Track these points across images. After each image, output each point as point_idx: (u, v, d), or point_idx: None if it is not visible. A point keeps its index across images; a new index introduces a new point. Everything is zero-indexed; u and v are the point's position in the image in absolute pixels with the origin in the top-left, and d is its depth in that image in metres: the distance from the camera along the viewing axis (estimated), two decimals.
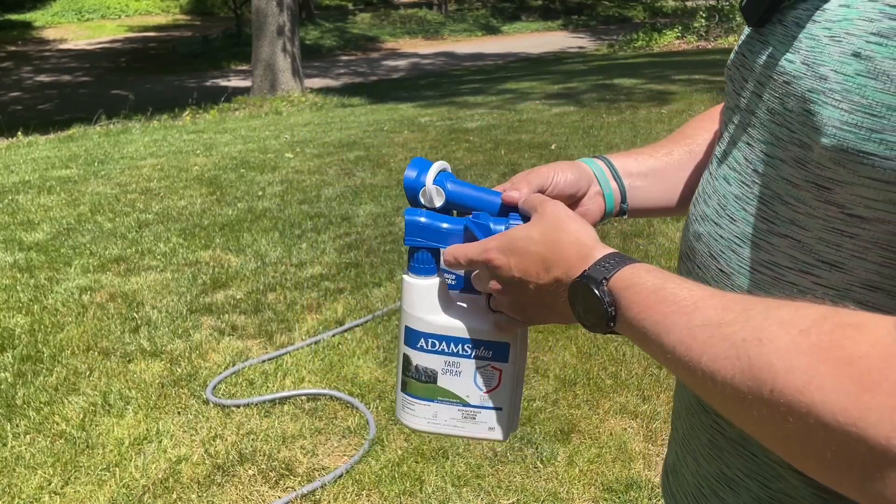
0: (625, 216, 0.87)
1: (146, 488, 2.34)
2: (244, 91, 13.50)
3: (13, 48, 23.62)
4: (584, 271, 0.62)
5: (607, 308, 0.59)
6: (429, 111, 9.17)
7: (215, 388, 2.89)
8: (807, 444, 0.45)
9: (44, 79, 18.89)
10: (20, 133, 9.40)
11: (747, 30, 0.66)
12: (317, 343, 3.22)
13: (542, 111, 8.33)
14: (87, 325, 3.44)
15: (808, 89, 0.54)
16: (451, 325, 0.76)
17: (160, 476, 2.40)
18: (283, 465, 2.43)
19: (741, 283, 0.62)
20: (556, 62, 16.93)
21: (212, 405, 2.78)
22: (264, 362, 3.08)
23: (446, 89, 12.44)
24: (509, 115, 8.15)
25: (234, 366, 3.05)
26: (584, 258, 0.64)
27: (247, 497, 2.31)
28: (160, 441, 2.58)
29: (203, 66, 19.75)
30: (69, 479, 2.40)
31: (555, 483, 2.32)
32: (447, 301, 0.78)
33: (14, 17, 27.46)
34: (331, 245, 4.34)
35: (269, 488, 2.34)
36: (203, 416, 2.71)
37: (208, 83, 17.00)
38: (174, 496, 2.31)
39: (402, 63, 19.47)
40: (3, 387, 2.94)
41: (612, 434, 2.54)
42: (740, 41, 0.68)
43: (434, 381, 0.78)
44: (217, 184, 5.77)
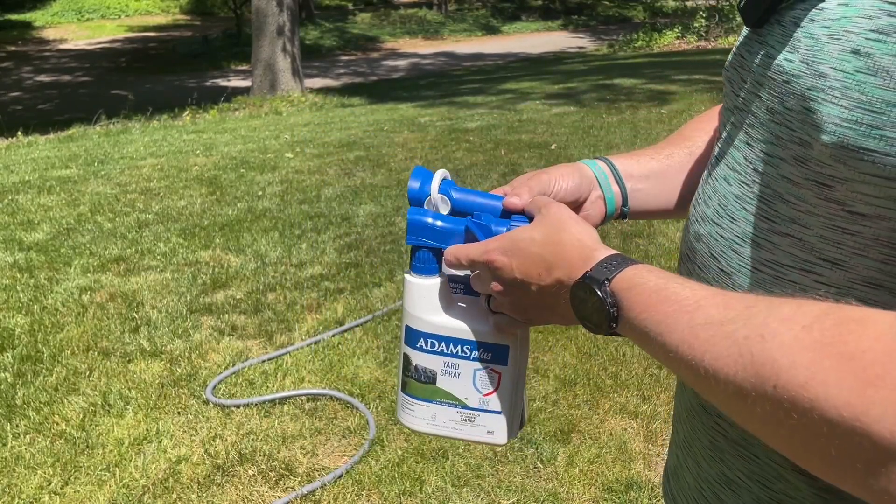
0: (625, 219, 0.87)
1: (146, 488, 2.34)
2: (244, 91, 13.51)
3: (13, 48, 23.62)
4: (587, 272, 0.62)
5: (609, 309, 0.59)
6: (429, 111, 9.17)
7: (215, 388, 2.89)
8: (810, 440, 0.44)
9: (44, 79, 18.88)
10: (20, 133, 9.40)
11: (745, 31, 0.66)
12: (317, 343, 3.22)
13: (542, 111, 8.33)
14: (87, 325, 3.44)
15: (808, 87, 0.54)
16: (451, 326, 0.76)
17: (160, 476, 2.40)
18: (283, 466, 2.43)
19: (742, 282, 0.62)
20: (556, 62, 16.93)
21: (212, 405, 2.78)
22: (264, 362, 3.08)
23: (446, 89, 12.43)
24: (509, 115, 8.15)
25: (233, 366, 3.05)
26: (586, 259, 0.64)
27: (247, 497, 2.30)
28: (160, 441, 2.58)
29: (203, 66, 19.74)
30: (69, 479, 2.40)
31: (555, 483, 2.32)
32: (448, 301, 0.78)
33: (14, 17, 27.46)
34: (331, 245, 4.34)
35: (269, 488, 2.34)
36: (203, 417, 2.71)
37: (208, 83, 17.00)
38: (174, 496, 2.31)
39: (402, 63, 19.47)
40: (3, 387, 2.94)
41: (612, 434, 2.54)
42: (738, 42, 0.68)
43: (433, 381, 0.78)
44: (217, 184, 5.77)
